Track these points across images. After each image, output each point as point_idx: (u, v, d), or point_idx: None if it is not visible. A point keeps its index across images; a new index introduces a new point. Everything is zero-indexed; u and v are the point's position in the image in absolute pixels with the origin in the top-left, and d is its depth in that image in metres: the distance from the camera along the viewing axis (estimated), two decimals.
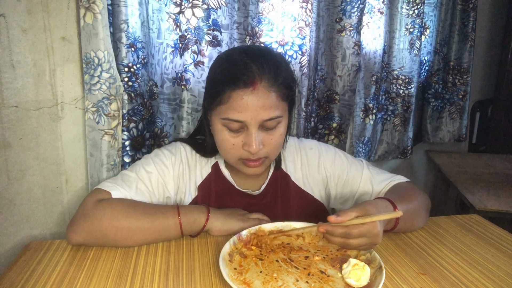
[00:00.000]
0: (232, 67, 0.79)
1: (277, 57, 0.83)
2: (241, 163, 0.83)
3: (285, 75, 0.81)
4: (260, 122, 0.78)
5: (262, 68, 0.77)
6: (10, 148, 0.97)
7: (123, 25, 1.01)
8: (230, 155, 0.83)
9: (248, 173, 0.85)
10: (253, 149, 0.78)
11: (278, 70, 0.79)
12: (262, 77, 0.77)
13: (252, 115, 0.77)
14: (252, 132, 0.78)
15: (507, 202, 1.29)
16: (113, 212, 0.76)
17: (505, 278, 0.71)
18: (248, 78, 0.76)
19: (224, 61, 0.82)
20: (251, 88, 0.76)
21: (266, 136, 0.81)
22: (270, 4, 1.28)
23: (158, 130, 1.23)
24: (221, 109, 0.79)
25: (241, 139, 0.80)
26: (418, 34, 1.58)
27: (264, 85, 0.77)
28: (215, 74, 0.83)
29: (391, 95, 1.67)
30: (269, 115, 0.78)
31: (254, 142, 0.78)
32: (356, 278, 0.64)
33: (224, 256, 0.70)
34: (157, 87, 1.19)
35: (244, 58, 0.79)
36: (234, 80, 0.76)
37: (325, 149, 1.00)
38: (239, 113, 0.77)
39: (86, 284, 0.66)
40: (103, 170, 1.03)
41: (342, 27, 1.44)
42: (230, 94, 0.77)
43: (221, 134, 0.81)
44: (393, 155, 1.74)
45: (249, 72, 0.76)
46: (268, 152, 0.82)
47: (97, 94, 0.99)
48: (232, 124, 0.79)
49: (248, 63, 0.77)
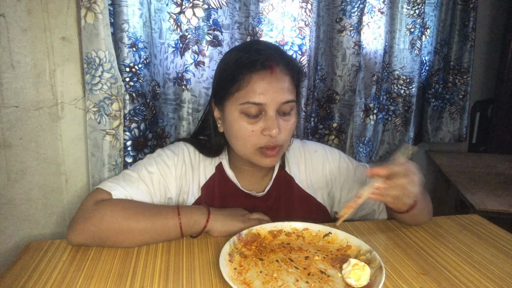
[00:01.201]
0: (246, 53, 0.82)
1: (283, 49, 0.91)
2: (259, 153, 0.83)
3: (294, 62, 0.87)
4: (278, 104, 0.80)
5: (276, 53, 0.82)
6: (10, 148, 0.97)
7: (124, 25, 1.01)
8: (249, 145, 0.83)
9: (265, 164, 0.84)
10: (274, 133, 0.79)
11: (288, 57, 0.86)
12: (279, 61, 0.81)
13: (272, 97, 0.79)
14: (271, 115, 0.80)
15: (507, 202, 1.29)
16: (113, 213, 0.76)
17: (505, 278, 0.71)
18: (266, 61, 0.79)
19: (237, 51, 0.85)
20: (270, 70, 0.79)
21: (282, 122, 0.82)
22: (270, 4, 1.28)
23: (160, 131, 1.23)
24: (240, 94, 0.80)
25: (260, 125, 0.81)
26: (419, 34, 1.58)
27: (281, 68, 0.81)
28: (227, 64, 0.84)
29: (392, 95, 1.67)
30: (287, 98, 0.81)
31: (274, 125, 0.79)
32: (356, 278, 0.64)
33: (224, 256, 0.70)
34: (160, 87, 1.20)
35: (257, 46, 0.84)
36: (252, 63, 0.79)
37: (330, 153, 0.99)
38: (260, 95, 0.79)
39: (86, 284, 0.66)
40: (105, 170, 1.03)
41: (342, 27, 1.44)
42: (251, 76, 0.79)
43: (238, 123, 0.82)
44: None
45: (266, 55, 0.80)
46: (284, 139, 0.84)
47: (98, 94, 0.99)
48: (252, 108, 0.80)
49: (263, 49, 0.82)
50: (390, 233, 0.87)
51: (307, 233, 0.81)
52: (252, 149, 0.83)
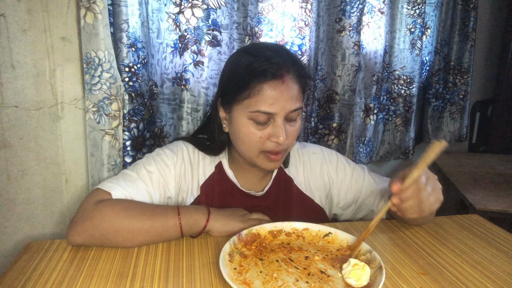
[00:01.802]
0: (258, 59, 0.80)
1: (292, 52, 0.88)
2: (263, 156, 0.84)
3: (304, 68, 0.86)
4: (287, 112, 0.80)
5: (287, 61, 0.81)
6: (10, 148, 0.97)
7: (123, 25, 1.01)
8: (255, 149, 0.83)
9: (269, 167, 0.85)
10: (281, 140, 0.80)
11: (298, 63, 0.84)
12: (289, 69, 0.80)
13: (282, 106, 0.79)
14: (279, 123, 0.80)
15: (507, 202, 1.29)
16: (113, 213, 0.76)
17: (505, 278, 0.70)
18: (278, 70, 0.78)
19: (245, 54, 0.83)
20: (281, 80, 0.78)
21: (289, 128, 0.83)
22: (269, 4, 1.28)
23: (158, 130, 1.23)
24: (249, 102, 0.80)
25: (268, 132, 0.81)
26: (419, 34, 1.58)
27: (291, 77, 0.80)
28: (237, 68, 0.83)
29: (392, 95, 1.67)
30: (295, 106, 0.81)
31: (282, 133, 0.80)
32: (356, 278, 0.64)
33: (224, 256, 0.70)
34: (157, 87, 1.20)
35: (267, 51, 0.81)
36: (263, 72, 0.78)
37: (328, 155, 1.00)
38: (271, 105, 0.78)
39: (86, 284, 0.66)
40: (104, 170, 1.03)
41: (342, 27, 1.44)
42: (261, 86, 0.78)
43: (247, 128, 0.82)
44: (394, 155, 1.74)
45: (277, 64, 0.79)
46: (289, 144, 0.85)
47: (97, 94, 0.99)
48: (261, 116, 0.80)
49: (273, 56, 0.80)
50: (390, 233, 0.87)
51: (307, 233, 0.81)
52: (257, 152, 0.84)
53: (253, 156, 0.85)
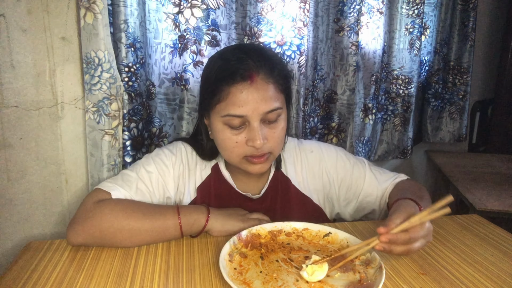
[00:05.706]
0: (227, 63, 0.79)
1: (269, 51, 0.85)
2: (246, 161, 0.82)
3: (279, 66, 0.82)
4: (261, 115, 0.78)
5: (258, 61, 0.78)
6: (10, 148, 0.97)
7: (123, 25, 1.01)
8: (234, 154, 0.82)
9: (254, 171, 0.83)
10: (258, 144, 0.77)
11: (272, 62, 0.80)
12: (259, 70, 0.77)
13: (253, 108, 0.77)
14: (254, 126, 0.78)
15: (507, 202, 1.29)
16: (112, 212, 0.76)
17: (505, 278, 0.71)
18: (245, 72, 0.76)
19: (217, 59, 0.82)
20: (249, 81, 0.76)
21: (268, 131, 0.80)
22: (268, 4, 1.28)
23: (157, 130, 1.23)
24: (220, 107, 0.79)
25: (244, 136, 0.79)
26: (418, 34, 1.58)
27: (261, 77, 0.77)
28: (210, 74, 0.82)
29: (391, 95, 1.67)
30: (270, 107, 0.78)
31: (257, 136, 0.77)
32: (310, 273, 0.65)
33: (224, 256, 0.70)
34: (154, 87, 1.20)
35: (238, 53, 0.79)
36: (231, 75, 0.76)
37: (326, 152, 0.98)
38: (240, 108, 0.76)
39: (86, 284, 0.66)
40: (104, 170, 1.03)
41: (340, 27, 1.44)
42: (229, 89, 0.77)
43: (222, 134, 0.81)
44: (393, 155, 1.74)
45: (246, 65, 0.77)
46: (272, 147, 0.82)
47: (97, 94, 0.99)
48: (234, 120, 0.78)
49: (243, 57, 0.78)
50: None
51: (307, 233, 0.81)
52: (238, 158, 0.82)
53: (236, 161, 0.83)
